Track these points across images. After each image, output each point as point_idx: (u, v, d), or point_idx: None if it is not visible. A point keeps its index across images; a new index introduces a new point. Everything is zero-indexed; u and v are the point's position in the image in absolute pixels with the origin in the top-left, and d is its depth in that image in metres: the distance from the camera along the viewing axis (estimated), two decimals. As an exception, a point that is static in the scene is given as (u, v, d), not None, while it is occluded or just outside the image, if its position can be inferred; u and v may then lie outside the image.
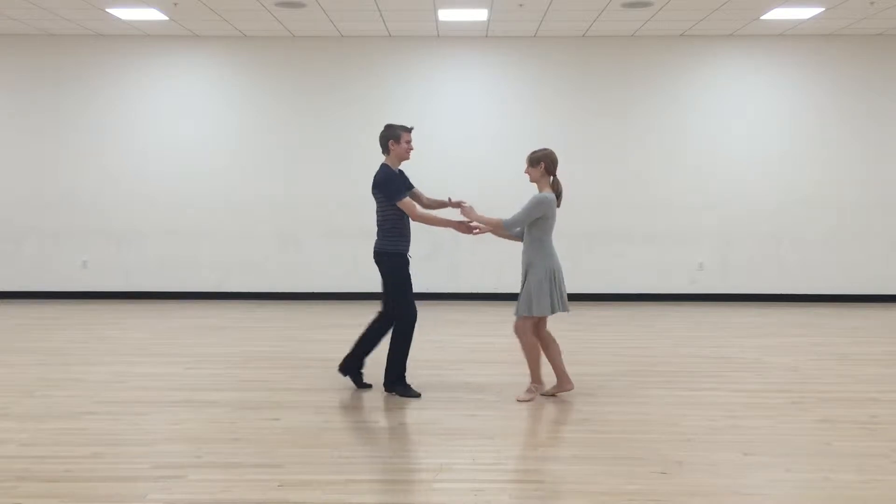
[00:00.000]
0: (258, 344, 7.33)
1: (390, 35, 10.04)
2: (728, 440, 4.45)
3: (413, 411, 5.08)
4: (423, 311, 9.19)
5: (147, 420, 4.81)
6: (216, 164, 10.22)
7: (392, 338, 5.45)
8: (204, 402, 5.21)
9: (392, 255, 5.39)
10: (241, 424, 4.73)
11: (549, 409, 5.11)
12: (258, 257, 10.32)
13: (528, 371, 5.44)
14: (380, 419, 4.86)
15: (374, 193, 5.47)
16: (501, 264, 10.02)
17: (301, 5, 8.51)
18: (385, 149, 5.50)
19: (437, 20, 9.22)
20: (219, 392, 5.49)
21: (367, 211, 10.20)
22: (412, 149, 5.53)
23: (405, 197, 5.35)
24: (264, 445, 4.32)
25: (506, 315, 9.00)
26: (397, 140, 5.44)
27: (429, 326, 8.36)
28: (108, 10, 8.76)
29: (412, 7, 8.65)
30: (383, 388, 5.49)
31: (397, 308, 5.44)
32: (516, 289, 11.17)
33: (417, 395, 5.39)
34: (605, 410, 5.06)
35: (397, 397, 5.38)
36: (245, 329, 8.18)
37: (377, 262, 5.47)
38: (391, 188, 5.35)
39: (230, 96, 10.23)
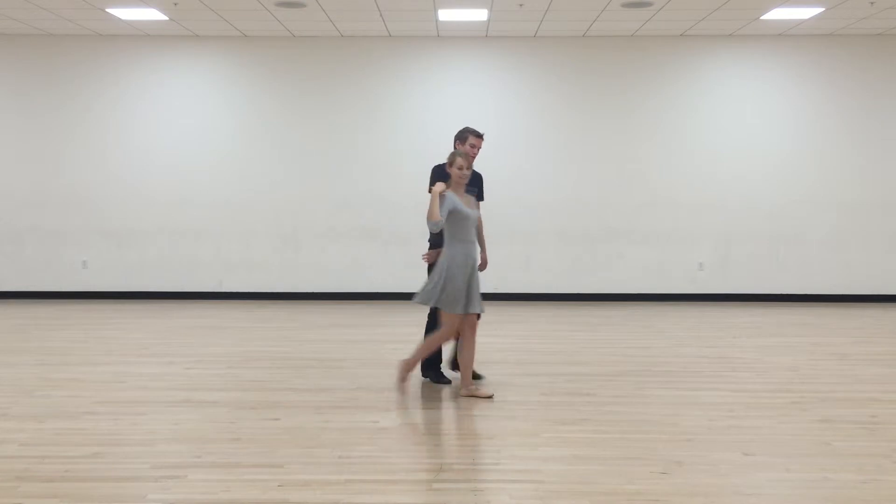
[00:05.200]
0: (258, 344, 7.33)
1: (390, 35, 10.04)
2: (728, 440, 4.45)
3: (413, 411, 5.08)
4: (425, 311, 9.22)
5: (147, 420, 4.81)
6: (216, 163, 10.22)
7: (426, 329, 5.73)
8: (204, 402, 5.21)
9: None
10: (241, 424, 4.73)
11: (549, 410, 5.10)
12: (258, 257, 10.32)
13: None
14: (380, 419, 4.86)
15: None
16: (502, 265, 10.01)
17: (301, 5, 8.51)
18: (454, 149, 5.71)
19: (437, 20, 9.22)
20: (219, 392, 5.49)
21: (367, 211, 10.30)
22: (476, 153, 5.63)
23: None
24: (264, 445, 4.32)
25: (506, 315, 9.02)
26: (462, 141, 5.65)
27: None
28: (108, 10, 8.76)
29: (412, 7, 8.65)
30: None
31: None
32: (517, 289, 11.23)
33: (447, 382, 5.69)
34: (605, 410, 5.06)
35: (398, 396, 5.39)
36: (245, 329, 8.18)
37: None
38: (430, 180, 5.59)
39: (230, 96, 10.23)
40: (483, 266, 5.70)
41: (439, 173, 5.57)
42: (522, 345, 7.36)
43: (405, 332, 8.06)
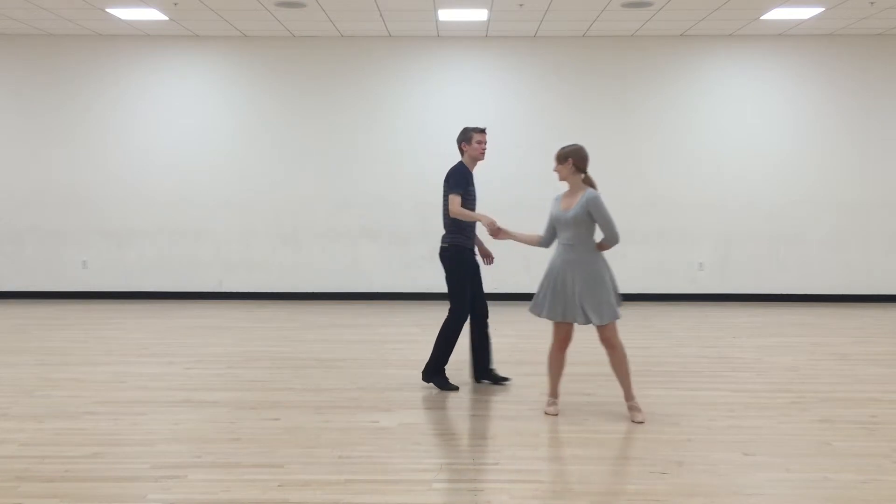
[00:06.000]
0: (258, 344, 7.33)
1: (390, 35, 10.04)
2: (728, 440, 4.45)
3: (413, 411, 5.08)
4: (425, 311, 9.24)
5: (147, 420, 4.81)
6: (216, 163, 10.22)
7: (440, 330, 5.62)
8: (204, 402, 5.21)
9: (454, 248, 5.57)
10: (241, 424, 4.73)
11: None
12: (258, 257, 10.32)
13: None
14: (380, 419, 4.86)
15: (443, 186, 5.60)
16: (502, 265, 9.99)
17: (301, 5, 8.51)
18: (460, 151, 5.69)
19: (437, 20, 9.22)
20: (219, 392, 5.49)
21: (367, 211, 10.30)
22: (484, 148, 5.64)
23: (456, 193, 5.45)
24: (264, 445, 4.32)
25: (505, 315, 9.01)
26: (468, 141, 5.62)
27: (430, 326, 8.37)
28: (108, 10, 8.76)
29: (412, 7, 8.65)
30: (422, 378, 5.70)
31: (450, 302, 5.60)
32: (516, 289, 11.18)
33: (455, 388, 5.59)
34: (606, 410, 5.06)
35: (399, 396, 5.39)
36: (245, 329, 8.18)
37: (440, 257, 5.65)
38: (452, 182, 5.51)
39: (230, 96, 10.23)
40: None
41: (461, 174, 5.50)
42: (522, 345, 7.36)
43: (405, 332, 8.07)
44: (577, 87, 10.16)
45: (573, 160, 4.94)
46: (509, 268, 10.15)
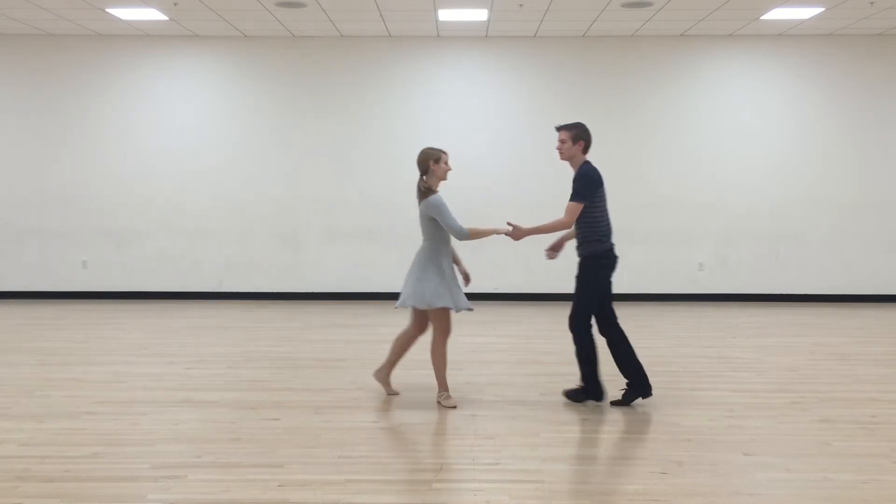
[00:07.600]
0: (258, 344, 7.33)
1: (390, 35, 10.04)
2: (728, 440, 4.45)
3: (413, 411, 5.08)
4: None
5: (147, 420, 4.81)
6: (216, 164, 10.22)
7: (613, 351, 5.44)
8: (204, 402, 5.21)
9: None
10: (241, 424, 4.73)
11: (549, 409, 5.10)
12: (258, 257, 10.32)
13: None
14: (380, 419, 4.86)
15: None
16: (502, 265, 10.02)
17: (301, 5, 8.51)
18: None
19: (437, 20, 9.22)
20: (219, 392, 5.49)
21: (366, 211, 10.29)
22: (558, 146, 5.48)
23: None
24: (264, 445, 4.32)
25: (504, 315, 9.02)
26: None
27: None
28: (108, 10, 8.76)
29: (412, 7, 8.65)
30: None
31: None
32: (517, 289, 11.16)
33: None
34: (606, 410, 5.06)
35: (399, 396, 5.39)
36: (245, 329, 8.18)
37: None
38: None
39: (230, 96, 10.22)
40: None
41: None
42: (522, 345, 7.36)
43: (405, 332, 8.06)
44: (577, 87, 10.16)
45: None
46: (510, 267, 10.16)
